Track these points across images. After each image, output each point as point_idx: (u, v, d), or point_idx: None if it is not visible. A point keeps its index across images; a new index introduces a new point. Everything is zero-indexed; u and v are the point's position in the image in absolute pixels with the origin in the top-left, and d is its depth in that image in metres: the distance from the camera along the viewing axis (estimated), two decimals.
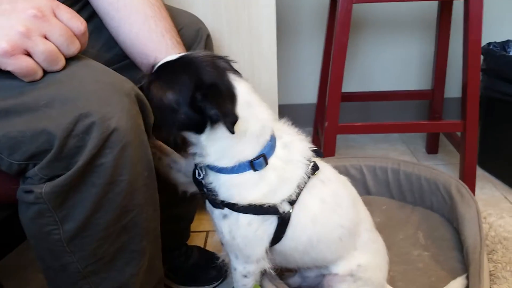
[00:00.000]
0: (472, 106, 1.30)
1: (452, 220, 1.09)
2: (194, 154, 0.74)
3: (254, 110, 0.71)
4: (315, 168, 0.76)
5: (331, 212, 0.78)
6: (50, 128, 0.51)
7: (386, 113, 1.91)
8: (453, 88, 1.81)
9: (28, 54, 0.52)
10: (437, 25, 1.59)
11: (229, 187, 0.72)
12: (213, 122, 0.68)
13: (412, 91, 1.79)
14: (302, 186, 0.74)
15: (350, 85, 1.88)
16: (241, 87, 0.70)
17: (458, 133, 1.41)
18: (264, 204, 0.72)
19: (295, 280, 0.93)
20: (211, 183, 0.74)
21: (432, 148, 1.75)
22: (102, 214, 0.57)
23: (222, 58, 0.72)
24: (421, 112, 1.92)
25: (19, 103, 0.52)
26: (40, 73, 0.54)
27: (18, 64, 0.52)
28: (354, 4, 1.25)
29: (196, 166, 0.76)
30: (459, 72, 1.35)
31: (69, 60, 0.56)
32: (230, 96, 0.68)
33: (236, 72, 0.72)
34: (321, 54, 1.69)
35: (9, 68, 0.52)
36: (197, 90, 0.66)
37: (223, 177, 0.73)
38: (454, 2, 1.53)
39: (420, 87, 1.90)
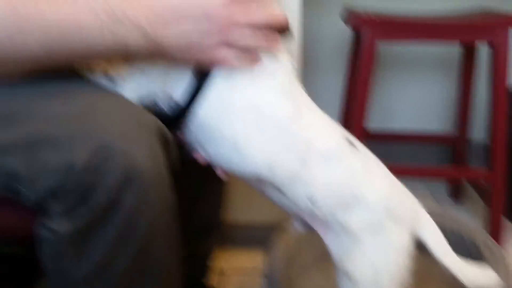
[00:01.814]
0: (500, 156, 1.25)
1: None
2: None
3: None
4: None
5: None
6: (71, 162, 0.51)
7: (407, 153, 1.86)
8: (478, 130, 1.76)
9: None
10: (460, 67, 1.56)
11: None
12: None
13: (435, 133, 1.75)
14: None
15: (369, 121, 1.86)
16: None
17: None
18: None
19: None
20: None
21: (455, 194, 1.68)
22: (121, 255, 0.55)
23: None
24: (443, 154, 1.86)
25: (43, 135, 0.52)
26: None
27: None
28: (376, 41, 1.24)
29: None
30: (484, 114, 1.32)
31: (95, 91, 0.58)
32: None
33: None
34: (341, 88, 1.68)
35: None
36: None
37: None
38: (478, 46, 1.51)
39: (442, 127, 1.86)
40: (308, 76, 1.83)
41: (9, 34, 0.52)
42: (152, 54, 0.59)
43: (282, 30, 0.63)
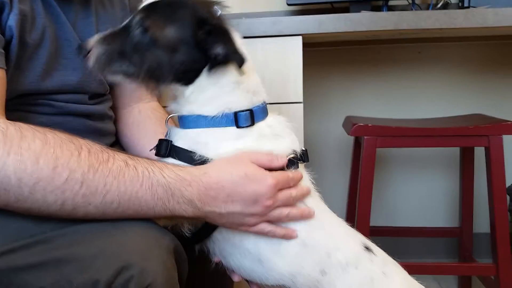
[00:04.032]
0: (503, 249, 1.31)
1: None
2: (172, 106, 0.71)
3: (247, 64, 0.67)
4: (294, 163, 0.71)
5: None
6: (94, 279, 0.55)
7: (414, 249, 1.89)
8: (482, 223, 1.80)
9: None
10: (460, 166, 1.65)
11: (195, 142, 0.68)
12: (215, 63, 0.65)
13: (440, 228, 1.78)
14: None
15: (375, 219, 1.90)
16: (236, 37, 0.68)
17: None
18: None
19: None
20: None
21: (465, 287, 1.70)
22: None
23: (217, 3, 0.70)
24: (450, 249, 1.89)
25: (70, 253, 0.58)
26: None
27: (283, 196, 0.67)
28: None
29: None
30: (487, 207, 1.38)
31: None
32: (234, 38, 0.66)
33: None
34: (347, 187, 1.74)
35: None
36: (199, 27, 0.64)
37: (191, 132, 0.68)
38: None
39: (447, 223, 1.90)
40: (315, 176, 1.92)
41: (72, 197, 0.57)
42: (195, 219, 0.67)
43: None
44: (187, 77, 0.67)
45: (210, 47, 0.64)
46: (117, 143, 0.95)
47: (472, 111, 1.63)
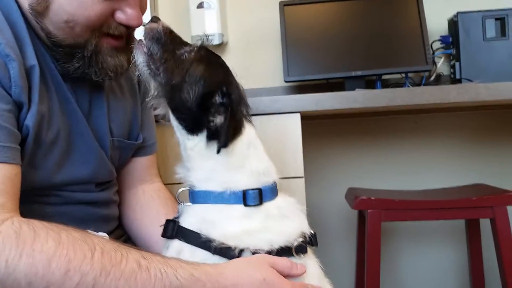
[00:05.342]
0: None
1: None
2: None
3: (257, 152, 0.70)
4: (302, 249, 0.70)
5: None
6: None
7: None
8: None
9: None
10: (467, 237, 1.63)
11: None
12: (209, 131, 0.67)
13: None
14: None
15: None
16: (249, 129, 0.70)
17: None
18: (233, 248, 0.65)
19: None
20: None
21: None
22: None
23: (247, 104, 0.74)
24: None
25: None
26: None
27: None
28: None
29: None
30: (498, 278, 1.34)
31: None
32: (239, 126, 0.68)
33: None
34: (353, 259, 1.70)
35: None
36: (220, 92, 0.67)
37: (199, 209, 0.68)
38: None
39: None
40: (321, 250, 1.88)
41: None
42: None
43: None
44: (186, 121, 0.69)
45: (213, 112, 0.68)
46: (119, 226, 0.94)
47: (472, 180, 1.64)
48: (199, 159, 0.69)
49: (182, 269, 0.62)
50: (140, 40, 0.72)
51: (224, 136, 0.65)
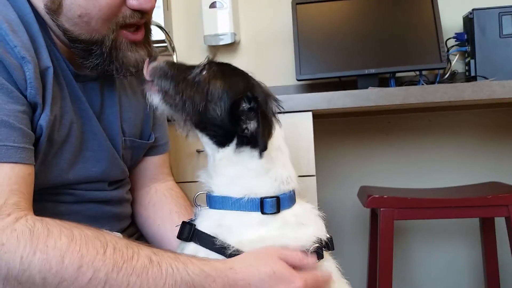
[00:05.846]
0: None
1: None
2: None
3: (283, 158, 0.70)
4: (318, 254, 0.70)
5: None
6: None
7: None
8: None
9: None
10: (481, 235, 1.60)
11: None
12: (243, 139, 0.66)
13: None
14: None
15: None
16: (278, 131, 0.70)
17: None
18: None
19: None
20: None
21: None
22: None
23: (275, 98, 0.74)
24: None
25: None
26: None
27: None
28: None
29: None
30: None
31: None
32: (272, 125, 0.68)
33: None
34: (366, 256, 1.69)
35: None
36: (246, 98, 0.67)
37: (216, 214, 0.68)
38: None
39: None
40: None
41: None
42: None
43: None
44: (217, 136, 0.69)
45: (244, 119, 0.67)
46: (132, 224, 0.95)
47: (486, 179, 1.62)
48: (226, 166, 0.70)
49: (193, 264, 0.63)
50: (148, 81, 0.72)
51: (261, 140, 0.65)
